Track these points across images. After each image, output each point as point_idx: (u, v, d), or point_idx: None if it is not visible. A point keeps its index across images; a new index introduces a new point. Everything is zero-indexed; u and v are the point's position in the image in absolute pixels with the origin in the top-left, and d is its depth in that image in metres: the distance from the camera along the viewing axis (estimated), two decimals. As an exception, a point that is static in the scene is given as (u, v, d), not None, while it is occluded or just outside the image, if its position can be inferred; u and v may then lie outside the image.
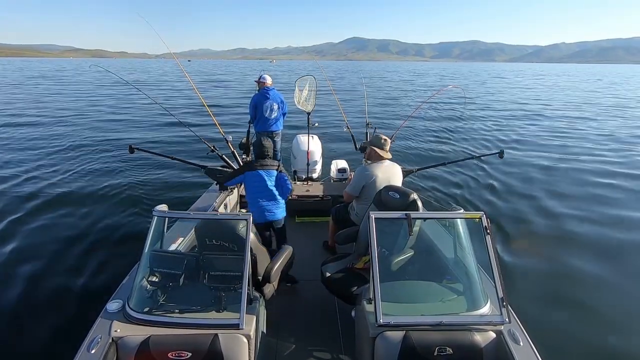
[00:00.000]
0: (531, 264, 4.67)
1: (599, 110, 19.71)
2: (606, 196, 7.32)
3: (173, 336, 1.80)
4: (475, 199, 6.87)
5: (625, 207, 6.78)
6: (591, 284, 4.29)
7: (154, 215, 2.17)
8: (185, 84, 26.67)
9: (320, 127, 12.70)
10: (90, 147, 8.79)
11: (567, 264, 4.72)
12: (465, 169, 8.35)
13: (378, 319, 1.84)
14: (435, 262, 2.48)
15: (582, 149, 11.56)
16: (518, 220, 5.99)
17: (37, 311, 3.35)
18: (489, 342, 1.84)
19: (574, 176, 8.79)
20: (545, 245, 5.24)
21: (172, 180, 6.91)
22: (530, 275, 4.35)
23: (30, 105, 14.15)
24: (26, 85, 23.34)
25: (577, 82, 46.44)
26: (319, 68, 32.67)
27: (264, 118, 5.27)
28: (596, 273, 4.55)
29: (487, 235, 2.02)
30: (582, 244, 5.31)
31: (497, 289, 1.94)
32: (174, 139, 10.08)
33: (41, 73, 45.14)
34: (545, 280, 4.31)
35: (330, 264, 2.79)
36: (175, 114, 5.92)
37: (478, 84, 39.73)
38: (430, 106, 18.14)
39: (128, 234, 4.76)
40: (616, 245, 5.32)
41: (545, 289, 4.12)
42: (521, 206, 6.63)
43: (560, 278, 4.38)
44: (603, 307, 3.86)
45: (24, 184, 6.22)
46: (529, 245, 5.20)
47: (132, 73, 50.86)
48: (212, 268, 2.12)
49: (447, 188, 7.38)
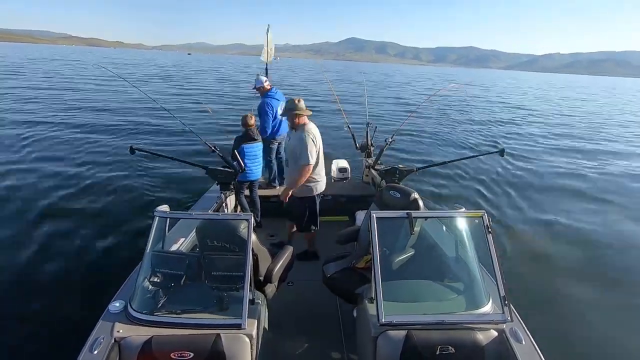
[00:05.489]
0: (533, 262, 4.66)
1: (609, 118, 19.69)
2: (608, 198, 7.32)
3: (175, 336, 1.80)
4: (476, 198, 6.87)
5: (627, 208, 6.79)
6: (594, 282, 4.28)
7: (156, 215, 2.18)
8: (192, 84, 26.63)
9: (321, 126, 12.66)
10: (91, 148, 8.79)
11: (570, 263, 4.71)
12: (466, 168, 8.35)
13: (380, 318, 1.84)
14: (437, 261, 2.48)
15: (585, 151, 11.56)
16: (519, 219, 5.99)
17: (38, 312, 3.35)
18: (491, 340, 1.84)
19: (577, 176, 8.78)
20: (546, 244, 5.23)
21: (173, 181, 6.91)
22: (532, 273, 4.35)
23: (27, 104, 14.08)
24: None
25: (590, 94, 44.89)
26: (320, 67, 32.57)
27: (277, 123, 4.85)
28: (599, 271, 4.55)
29: (489, 234, 2.02)
30: (585, 243, 5.30)
31: (498, 288, 1.94)
32: (174, 139, 10.08)
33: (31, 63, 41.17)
34: (547, 278, 4.30)
35: (331, 264, 2.79)
36: (176, 114, 5.92)
37: (482, 89, 39.36)
38: (432, 105, 18.12)
39: (129, 235, 4.76)
40: (620, 244, 5.32)
41: (547, 288, 4.11)
42: (523, 205, 6.62)
43: (562, 276, 4.38)
44: (605, 305, 3.86)
45: (21, 187, 6.20)
46: (530, 244, 5.19)
47: (135, 66, 50.10)
48: (213, 268, 2.12)
49: (448, 187, 7.38)
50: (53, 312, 3.35)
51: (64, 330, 3.04)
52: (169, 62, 69.65)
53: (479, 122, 16.24)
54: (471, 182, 7.73)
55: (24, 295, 3.59)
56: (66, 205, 5.61)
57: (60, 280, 3.83)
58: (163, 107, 4.85)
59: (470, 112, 19.36)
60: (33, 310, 3.38)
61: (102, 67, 5.63)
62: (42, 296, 3.58)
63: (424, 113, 15.83)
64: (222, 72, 47.54)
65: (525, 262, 4.60)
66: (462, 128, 14.50)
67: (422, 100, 19.65)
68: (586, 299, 3.93)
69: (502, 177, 8.19)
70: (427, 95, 21.45)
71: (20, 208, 5.42)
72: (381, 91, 30.04)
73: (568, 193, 7.50)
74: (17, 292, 3.64)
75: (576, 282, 4.26)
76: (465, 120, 16.71)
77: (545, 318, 3.43)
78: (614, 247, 5.19)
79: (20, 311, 3.38)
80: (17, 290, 3.67)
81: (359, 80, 38.86)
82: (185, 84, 27.41)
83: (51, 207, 5.53)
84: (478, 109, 20.47)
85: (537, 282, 4.17)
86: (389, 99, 24.31)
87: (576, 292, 4.04)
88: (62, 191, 6.12)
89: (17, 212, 5.29)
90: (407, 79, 51.35)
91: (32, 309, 3.40)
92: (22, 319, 3.26)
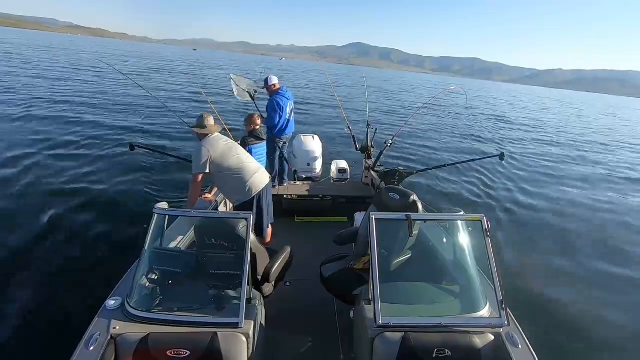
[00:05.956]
0: (530, 267, 4.67)
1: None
2: (610, 200, 7.35)
3: (172, 334, 1.80)
4: (475, 202, 6.88)
5: (629, 211, 6.80)
6: (592, 288, 4.29)
7: (154, 212, 2.17)
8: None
9: (321, 127, 12.73)
10: (90, 144, 8.77)
11: (567, 268, 4.72)
12: (465, 171, 8.36)
13: (377, 319, 1.84)
14: (435, 264, 2.48)
15: (589, 159, 11.59)
16: (518, 224, 6.00)
17: (35, 308, 3.35)
18: (487, 344, 1.84)
19: (575, 180, 8.80)
20: (545, 248, 5.24)
21: (173, 178, 6.90)
22: (530, 278, 4.36)
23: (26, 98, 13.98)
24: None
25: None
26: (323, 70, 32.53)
27: (285, 121, 4.81)
28: (597, 278, 4.56)
29: (487, 237, 2.02)
30: (583, 248, 5.32)
31: (496, 292, 1.94)
32: (174, 138, 10.08)
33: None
34: (544, 283, 4.31)
35: (329, 265, 2.79)
36: (177, 114, 5.92)
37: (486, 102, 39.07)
38: (432, 108, 18.15)
39: (128, 232, 4.75)
40: (619, 249, 5.33)
41: (544, 292, 4.12)
42: (521, 209, 6.64)
43: (560, 281, 4.39)
44: (603, 311, 3.87)
45: (19, 181, 6.19)
46: (528, 248, 5.20)
47: (144, 59, 49.53)
48: (211, 267, 2.12)
49: (448, 190, 7.39)
50: (49, 308, 3.34)
51: (60, 326, 3.04)
52: (176, 56, 69.24)
53: (479, 126, 16.27)
54: (470, 185, 7.74)
55: (20, 291, 3.58)
56: (63, 201, 5.59)
57: (57, 277, 3.81)
58: (165, 105, 4.85)
59: (470, 116, 19.40)
60: (29, 306, 3.37)
61: (118, 71, 5.57)
62: (38, 292, 3.57)
63: (425, 116, 15.87)
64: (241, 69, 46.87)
65: (523, 267, 4.61)
66: (462, 131, 14.53)
67: (423, 103, 19.69)
68: (583, 304, 3.94)
69: (502, 181, 8.21)
70: (428, 98, 21.50)
71: (18, 203, 5.41)
72: (383, 94, 30.06)
73: (568, 199, 7.52)
74: (14, 288, 3.62)
75: (573, 287, 4.27)
76: (465, 124, 16.75)
77: (542, 323, 3.44)
78: (613, 254, 5.21)
79: (17, 307, 3.36)
80: (14, 286, 3.65)
81: (360, 83, 38.92)
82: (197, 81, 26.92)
83: (48, 202, 5.51)
84: (478, 113, 20.50)
85: (534, 287, 4.17)
86: (390, 102, 24.33)
87: (573, 298, 4.05)
88: (58, 187, 6.10)
89: (15, 209, 5.27)
90: (409, 86, 51.35)
91: (28, 305, 3.39)
92: (19, 315, 3.25)
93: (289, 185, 5.07)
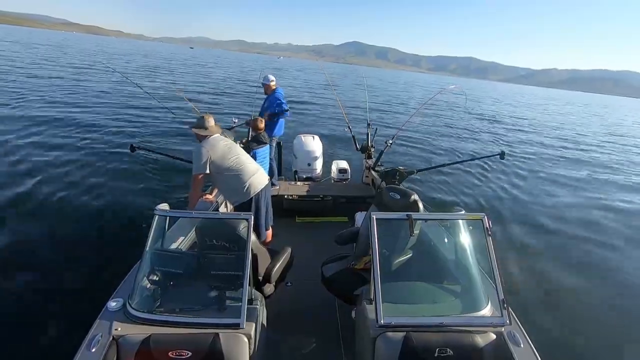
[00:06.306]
0: (532, 266, 4.67)
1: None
2: (610, 205, 7.34)
3: (174, 335, 1.80)
4: (476, 201, 6.88)
5: (631, 215, 6.80)
6: (594, 287, 4.29)
7: (155, 214, 2.17)
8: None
9: (321, 127, 12.73)
10: (90, 146, 8.77)
11: (569, 268, 4.72)
12: (466, 171, 8.36)
13: (379, 319, 1.83)
14: (436, 263, 2.47)
15: (589, 161, 11.57)
16: (519, 222, 5.99)
17: (37, 310, 3.35)
18: (489, 343, 1.84)
19: (577, 180, 8.79)
20: (546, 247, 5.23)
21: (174, 179, 6.90)
22: (531, 277, 4.36)
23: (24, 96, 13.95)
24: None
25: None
26: (322, 69, 32.58)
27: (282, 122, 5.02)
28: (600, 277, 4.55)
29: (488, 236, 2.02)
30: (584, 246, 5.31)
31: (497, 291, 1.94)
32: (174, 138, 10.08)
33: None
34: (546, 282, 4.31)
35: (330, 265, 2.79)
36: (177, 114, 5.92)
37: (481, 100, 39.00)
38: (432, 108, 18.15)
39: (129, 233, 4.75)
40: (621, 251, 5.32)
41: (546, 291, 4.12)
42: (523, 208, 6.63)
43: (561, 280, 4.38)
44: (605, 310, 3.86)
45: (20, 182, 6.19)
46: (530, 247, 5.20)
47: (147, 56, 49.17)
48: (212, 267, 2.12)
49: (448, 189, 7.38)
50: (51, 310, 3.34)
51: (62, 327, 3.04)
52: (174, 55, 69.25)
53: (479, 126, 16.26)
54: (471, 184, 7.74)
55: (22, 293, 3.58)
56: (64, 202, 5.60)
57: (58, 278, 3.82)
58: (166, 107, 4.85)
59: (470, 115, 19.38)
60: (31, 307, 3.38)
61: (121, 74, 5.61)
62: (39, 294, 3.57)
63: (425, 116, 15.86)
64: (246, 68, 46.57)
65: (525, 266, 4.60)
66: (462, 131, 14.52)
67: (422, 102, 19.69)
68: (585, 303, 3.93)
69: (502, 180, 8.20)
70: (427, 98, 21.49)
71: (18, 205, 5.41)
72: (382, 94, 30.05)
73: (569, 199, 7.51)
74: (16, 290, 3.63)
75: (575, 286, 4.27)
76: (465, 123, 16.73)
77: (544, 322, 3.44)
78: (615, 253, 5.20)
79: (18, 308, 3.37)
80: (15, 287, 3.66)
81: (360, 82, 38.92)
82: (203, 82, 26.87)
83: (48, 204, 5.53)
84: (478, 112, 20.49)
85: (536, 286, 4.17)
86: (390, 102, 24.32)
87: (575, 297, 4.04)
88: (59, 188, 6.10)
89: (15, 210, 5.28)
90: (408, 85, 51.37)
91: (30, 306, 3.40)
92: (20, 316, 3.26)
93: (290, 185, 5.08)
